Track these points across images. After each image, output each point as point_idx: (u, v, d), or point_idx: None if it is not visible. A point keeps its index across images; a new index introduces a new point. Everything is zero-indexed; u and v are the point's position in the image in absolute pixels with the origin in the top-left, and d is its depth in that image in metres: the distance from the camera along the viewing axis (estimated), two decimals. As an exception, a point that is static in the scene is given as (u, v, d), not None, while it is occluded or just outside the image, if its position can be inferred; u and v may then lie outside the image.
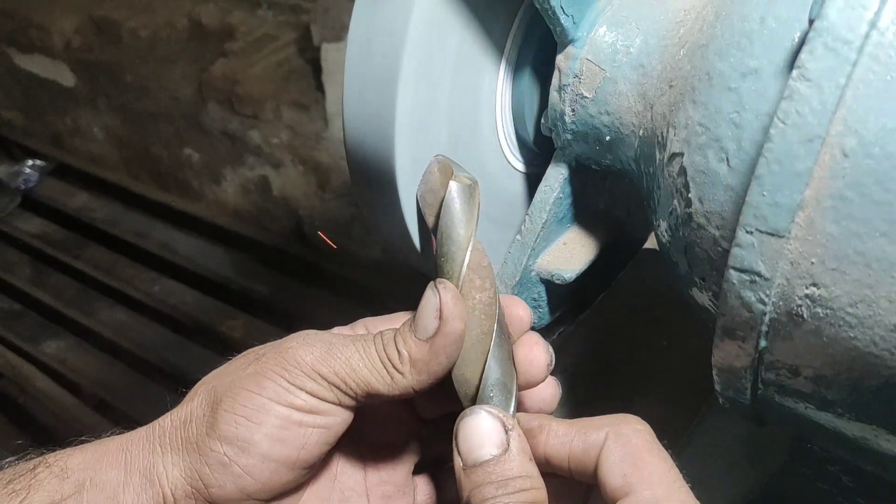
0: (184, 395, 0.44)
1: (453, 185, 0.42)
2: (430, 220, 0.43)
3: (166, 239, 2.02)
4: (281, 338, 0.43)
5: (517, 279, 0.56)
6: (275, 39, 1.93)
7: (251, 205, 2.02)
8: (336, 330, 0.45)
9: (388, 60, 0.48)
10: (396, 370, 0.41)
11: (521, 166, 0.59)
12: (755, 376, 0.41)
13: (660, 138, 0.46)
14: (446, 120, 0.52)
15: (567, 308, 0.62)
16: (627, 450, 0.38)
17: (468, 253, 0.41)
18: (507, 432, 0.39)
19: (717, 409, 0.65)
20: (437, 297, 0.40)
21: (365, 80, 0.49)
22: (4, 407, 1.71)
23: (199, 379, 0.44)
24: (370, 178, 0.52)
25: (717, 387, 0.44)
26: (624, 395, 0.71)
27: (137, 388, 1.65)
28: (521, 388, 0.43)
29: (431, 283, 0.41)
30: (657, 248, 0.82)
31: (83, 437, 0.43)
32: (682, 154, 0.42)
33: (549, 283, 0.57)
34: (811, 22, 0.35)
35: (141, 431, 0.42)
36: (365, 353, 0.41)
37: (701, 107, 0.42)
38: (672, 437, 0.66)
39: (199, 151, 2.04)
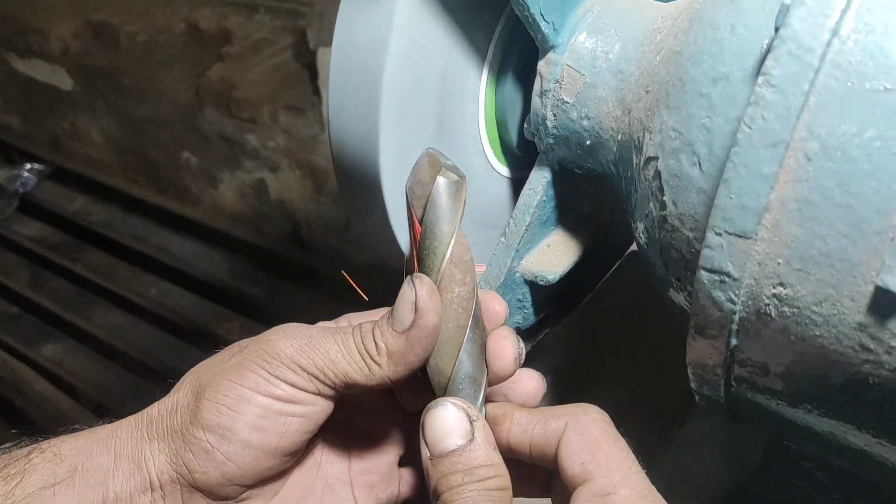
0: (172, 386, 0.46)
1: (440, 180, 0.43)
2: (417, 213, 0.44)
3: (164, 242, 2.03)
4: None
5: (501, 280, 0.57)
6: (271, 44, 1.95)
7: (248, 208, 2.03)
8: (321, 324, 0.47)
9: (371, 67, 0.49)
10: (374, 361, 0.42)
11: (505, 170, 0.60)
12: (728, 374, 0.42)
13: (636, 142, 0.47)
14: (430, 126, 0.53)
15: (552, 309, 0.63)
16: (586, 438, 0.40)
17: (450, 247, 0.43)
18: (471, 423, 0.40)
19: (699, 411, 0.67)
20: (413, 291, 0.42)
21: (348, 86, 0.50)
22: (2, 410, 1.71)
23: None
24: (356, 184, 0.53)
25: (693, 384, 0.45)
26: (608, 397, 0.72)
27: (134, 391, 1.66)
28: (491, 382, 0.45)
29: (409, 277, 0.42)
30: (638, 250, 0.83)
31: (75, 426, 0.45)
32: (657, 158, 0.44)
33: (533, 285, 0.58)
34: (776, 30, 0.36)
35: (130, 420, 0.44)
36: (343, 345, 0.42)
37: (675, 112, 0.43)
38: (656, 438, 0.67)
39: (197, 155, 2.06)
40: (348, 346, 0.42)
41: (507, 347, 0.45)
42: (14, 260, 2.05)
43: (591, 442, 0.40)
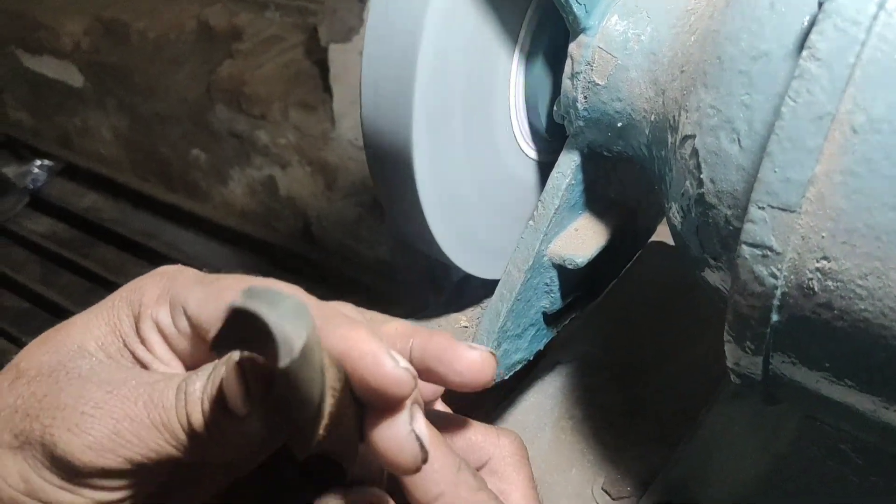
0: None
1: (284, 366, 0.28)
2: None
3: (174, 239, 2.03)
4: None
5: (530, 264, 0.57)
6: (282, 41, 1.95)
7: (258, 205, 2.03)
8: (148, 321, 0.38)
9: (405, 50, 0.49)
10: (211, 446, 0.34)
11: (533, 154, 0.60)
12: (767, 351, 0.42)
13: (671, 122, 0.47)
14: (461, 108, 0.53)
15: (578, 294, 0.63)
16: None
17: (323, 418, 0.32)
18: None
19: (726, 396, 0.66)
20: (244, 381, 0.33)
21: (382, 68, 0.50)
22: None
23: None
24: (387, 168, 0.53)
25: (729, 363, 0.45)
26: (631, 384, 0.72)
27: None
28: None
29: (235, 363, 0.33)
30: (664, 240, 0.83)
31: None
32: (693, 136, 0.44)
33: (561, 269, 0.58)
34: (820, 4, 0.36)
35: None
36: (166, 429, 0.34)
37: (713, 90, 0.43)
38: (679, 425, 0.67)
39: (207, 152, 2.06)
40: (172, 430, 0.33)
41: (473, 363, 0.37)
42: (25, 256, 2.06)
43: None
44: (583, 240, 0.58)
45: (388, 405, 0.34)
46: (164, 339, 0.38)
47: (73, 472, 0.33)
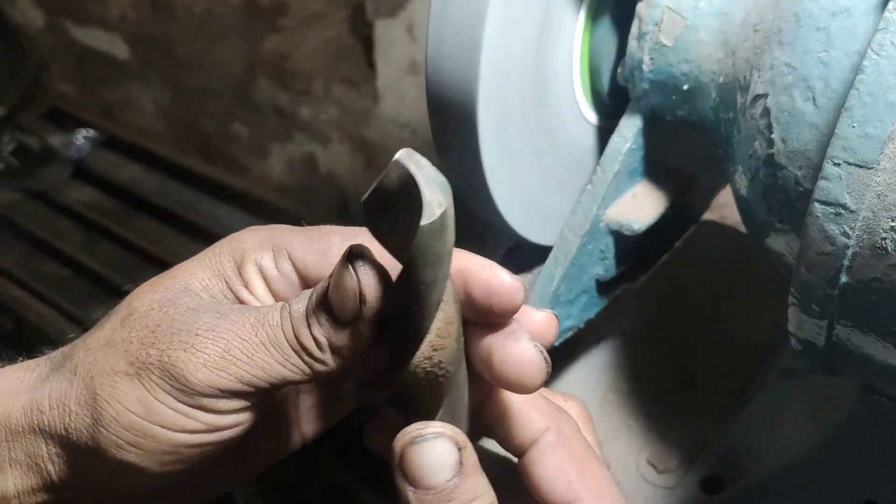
0: None
1: (423, 227, 0.31)
2: (389, 245, 0.34)
3: (212, 212, 2.05)
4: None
5: (587, 228, 0.56)
6: (327, 16, 1.95)
7: (297, 181, 2.04)
8: (251, 263, 0.40)
9: (472, 7, 0.49)
10: (314, 359, 0.36)
11: (593, 118, 0.60)
12: (832, 315, 0.42)
13: (742, 82, 0.46)
14: (525, 67, 0.53)
15: (632, 264, 0.63)
16: (571, 453, 0.38)
17: (440, 311, 0.34)
18: (459, 450, 0.35)
19: (775, 372, 0.66)
20: (355, 279, 0.34)
21: (449, 22, 0.50)
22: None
23: None
24: (449, 121, 0.53)
25: (792, 328, 0.45)
26: (678, 359, 0.72)
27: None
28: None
29: (345, 259, 0.35)
30: (714, 220, 0.82)
31: None
32: (766, 95, 0.43)
33: (617, 235, 0.58)
34: (909, -44, 0.36)
35: (17, 404, 0.37)
36: (273, 346, 0.35)
37: (788, 47, 0.42)
38: (726, 401, 0.67)
39: (248, 126, 2.07)
40: (280, 346, 0.35)
41: (516, 347, 0.36)
42: (67, 224, 2.08)
43: (577, 459, 0.38)
44: (641, 206, 0.58)
45: (501, 317, 0.36)
46: (265, 282, 0.40)
47: (188, 392, 0.35)
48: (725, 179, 0.54)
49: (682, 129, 0.57)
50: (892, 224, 0.37)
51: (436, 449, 0.35)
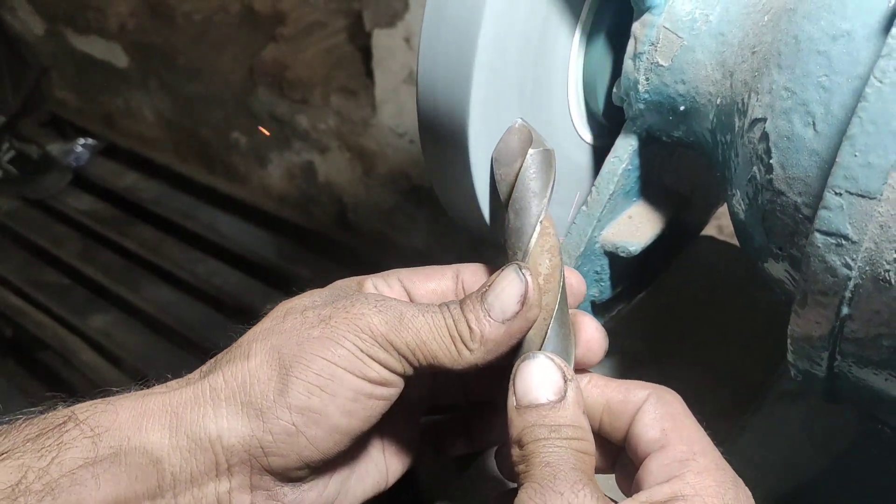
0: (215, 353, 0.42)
1: (531, 153, 0.41)
2: (503, 188, 0.42)
3: (212, 220, 2.04)
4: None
5: (581, 250, 0.55)
6: (326, 26, 1.94)
7: (296, 189, 2.03)
8: (370, 280, 0.45)
9: (465, 24, 0.48)
10: (466, 346, 0.40)
11: (588, 138, 0.58)
12: (833, 346, 0.40)
13: (740, 105, 0.45)
14: (520, 87, 0.52)
15: (628, 284, 0.62)
16: (668, 409, 0.40)
17: (538, 227, 0.41)
18: (566, 381, 0.39)
19: (775, 394, 0.65)
20: (524, 284, 0.40)
21: (441, 42, 0.49)
22: (48, 378, 1.74)
23: None
24: (441, 142, 0.52)
25: (792, 358, 0.43)
26: (677, 379, 0.71)
27: (178, 365, 1.66)
28: (578, 366, 0.43)
29: (515, 265, 0.41)
30: (713, 235, 0.81)
31: (115, 389, 0.41)
32: (764, 119, 0.42)
33: (612, 256, 0.57)
34: (912, -20, 0.35)
35: (186, 390, 0.40)
36: (434, 326, 0.40)
37: (787, 71, 0.41)
38: (726, 422, 0.65)
39: (247, 135, 2.07)
40: (440, 328, 0.40)
41: (598, 339, 0.44)
42: (66, 232, 2.08)
43: (673, 413, 0.40)
44: (637, 227, 0.57)
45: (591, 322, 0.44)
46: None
47: (370, 341, 0.39)
48: (723, 199, 0.53)
49: (679, 149, 0.56)
50: None
51: (542, 368, 0.39)
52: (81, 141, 2.25)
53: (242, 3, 2.09)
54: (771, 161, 0.41)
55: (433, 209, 1.68)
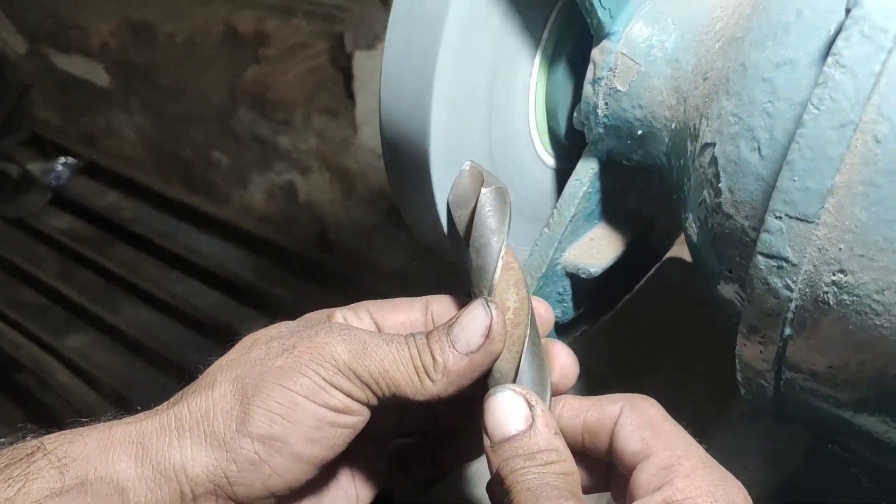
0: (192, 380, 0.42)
1: (485, 192, 0.42)
2: (461, 228, 0.43)
3: (192, 240, 2.04)
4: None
5: (543, 271, 0.56)
6: (308, 47, 1.96)
7: (277, 210, 2.04)
8: (340, 312, 0.46)
9: (425, 48, 0.49)
10: (428, 377, 0.41)
11: (551, 161, 0.59)
12: (778, 367, 0.41)
13: (692, 130, 0.46)
14: (481, 111, 0.53)
15: (591, 305, 0.63)
16: (644, 418, 0.40)
17: (500, 262, 0.42)
18: (531, 408, 0.39)
19: (736, 414, 0.65)
20: (489, 317, 0.41)
21: (402, 67, 0.50)
22: (23, 400, 1.73)
23: None
24: (404, 167, 0.53)
25: (740, 379, 0.44)
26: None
27: (156, 385, 1.66)
28: (554, 392, 0.44)
29: (482, 300, 0.42)
30: (680, 255, 0.82)
31: (84, 420, 0.41)
32: (714, 144, 0.43)
33: (574, 278, 0.58)
34: (848, 11, 0.36)
35: (153, 420, 0.40)
36: (398, 356, 0.41)
37: (735, 97, 0.42)
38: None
39: (228, 155, 2.07)
40: (403, 358, 0.41)
41: (570, 365, 0.45)
42: (45, 251, 2.07)
43: (650, 421, 0.40)
44: (598, 249, 0.58)
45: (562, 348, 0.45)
46: None
47: (332, 370, 0.40)
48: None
49: (641, 172, 0.57)
50: (834, 278, 0.37)
51: (506, 401, 0.40)
52: (62, 160, 2.25)
53: (225, 24, 2.10)
54: (720, 185, 0.42)
55: (413, 230, 1.68)
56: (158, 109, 2.17)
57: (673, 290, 0.77)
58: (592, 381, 0.72)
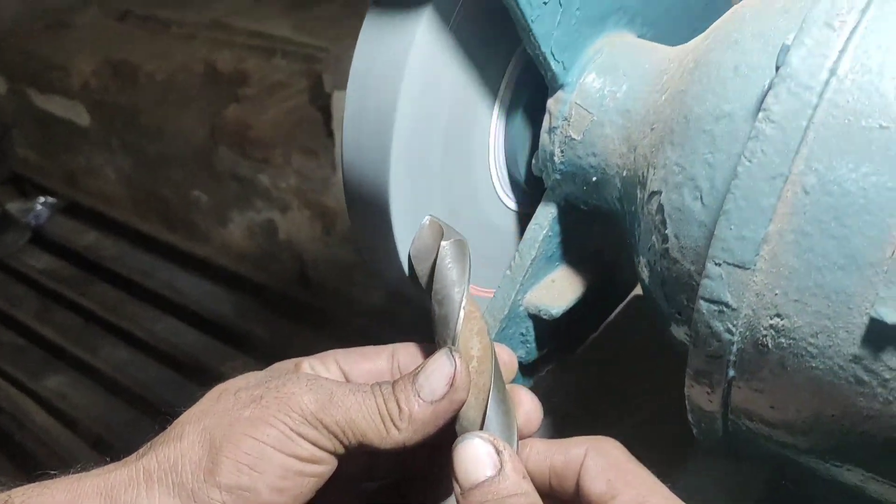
0: (169, 423, 0.43)
1: (444, 245, 0.44)
2: (423, 280, 0.45)
3: (172, 279, 2.04)
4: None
5: (506, 313, 0.57)
6: (288, 87, 1.98)
7: (256, 248, 2.04)
8: (307, 362, 0.47)
9: (385, 100, 0.50)
10: (394, 425, 0.42)
11: (513, 205, 0.61)
12: (725, 407, 0.43)
13: (641, 178, 0.48)
14: (441, 159, 0.55)
15: (554, 346, 0.64)
16: (609, 460, 0.41)
17: (462, 312, 0.43)
18: (499, 453, 0.40)
19: (699, 454, 0.66)
20: (453, 366, 0.42)
21: (363, 118, 0.52)
22: (1, 443, 1.71)
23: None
24: (366, 216, 0.54)
25: (691, 419, 0.46)
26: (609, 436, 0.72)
27: (135, 426, 1.65)
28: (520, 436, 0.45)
29: (446, 349, 0.43)
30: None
31: (53, 472, 0.41)
32: (660, 192, 0.45)
33: (536, 319, 0.59)
34: (777, 69, 0.38)
35: (121, 472, 0.40)
36: (365, 405, 0.41)
37: (678, 148, 0.44)
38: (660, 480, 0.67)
39: (208, 194, 2.08)
40: (369, 407, 0.41)
41: (534, 410, 0.46)
42: (23, 292, 2.06)
43: (614, 463, 0.41)
44: (559, 291, 0.59)
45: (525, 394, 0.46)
46: None
47: (299, 420, 0.40)
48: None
49: (598, 216, 0.59)
50: (772, 322, 0.38)
51: (474, 448, 0.41)
52: (42, 199, 2.25)
53: (206, 64, 2.13)
54: (666, 231, 0.44)
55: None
56: (138, 148, 2.18)
57: (638, 328, 0.79)
58: (559, 419, 0.73)
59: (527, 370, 0.63)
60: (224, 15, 2.18)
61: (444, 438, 0.43)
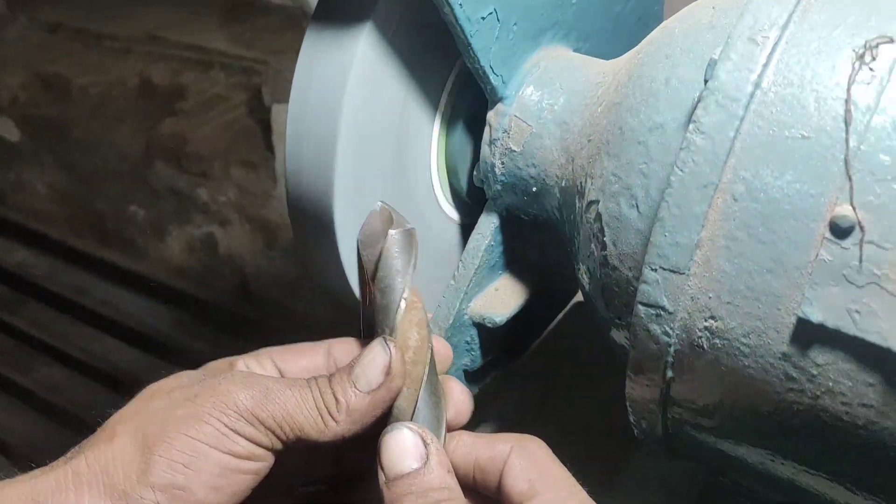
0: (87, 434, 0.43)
1: (392, 234, 0.44)
2: (369, 268, 0.45)
3: (108, 296, 1.99)
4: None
5: (450, 322, 0.58)
6: (226, 100, 1.97)
7: (196, 262, 2.02)
8: (242, 360, 0.47)
9: (327, 112, 0.51)
10: (332, 417, 0.42)
11: (455, 216, 0.62)
12: (664, 407, 0.44)
13: (579, 188, 0.49)
14: (384, 171, 0.55)
15: (499, 353, 0.65)
16: (532, 460, 0.42)
17: (403, 302, 0.44)
18: (426, 446, 0.41)
19: (641, 453, 0.68)
20: (388, 355, 0.42)
21: (306, 132, 0.52)
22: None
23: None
24: (310, 227, 0.55)
25: (632, 420, 0.47)
26: (554, 443, 0.74)
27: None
28: (449, 427, 0.46)
29: (381, 339, 0.43)
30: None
31: None
32: (598, 201, 0.46)
33: (481, 327, 0.60)
34: (706, 82, 0.40)
35: (48, 477, 0.39)
36: (301, 399, 0.42)
37: (614, 158, 0.46)
38: (600, 484, 0.68)
39: (144, 208, 2.05)
40: (306, 400, 0.42)
41: (465, 402, 0.47)
42: (-50, 313, 1.99)
43: (537, 463, 0.42)
44: (502, 299, 0.60)
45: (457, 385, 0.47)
46: None
47: (235, 417, 0.40)
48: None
49: (539, 226, 0.60)
50: (706, 324, 0.40)
51: (402, 438, 0.41)
52: (-32, 217, 2.18)
53: (141, 77, 2.09)
54: (605, 239, 0.46)
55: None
56: (71, 163, 2.13)
57: (581, 333, 0.80)
58: (505, 426, 0.74)
59: (472, 378, 0.64)
60: (158, 28, 2.14)
61: (379, 433, 0.43)
